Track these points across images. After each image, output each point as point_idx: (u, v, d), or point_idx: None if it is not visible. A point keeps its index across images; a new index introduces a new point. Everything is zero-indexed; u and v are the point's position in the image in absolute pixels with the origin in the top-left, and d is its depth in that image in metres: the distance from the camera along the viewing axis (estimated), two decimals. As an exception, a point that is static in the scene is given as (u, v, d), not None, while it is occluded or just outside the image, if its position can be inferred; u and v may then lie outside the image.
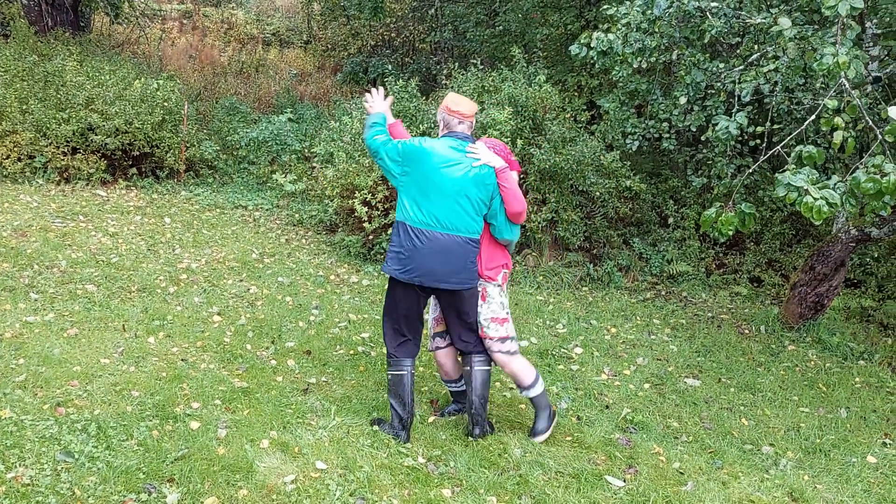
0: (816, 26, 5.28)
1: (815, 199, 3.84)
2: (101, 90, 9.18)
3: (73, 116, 8.76)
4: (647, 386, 5.38)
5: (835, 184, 3.98)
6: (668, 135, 7.04)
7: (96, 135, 8.75)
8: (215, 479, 3.59)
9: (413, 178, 3.94)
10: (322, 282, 6.88)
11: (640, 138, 7.21)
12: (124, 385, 4.41)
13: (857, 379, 5.92)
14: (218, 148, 10.26)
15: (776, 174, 4.06)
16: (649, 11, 5.46)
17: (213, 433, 3.99)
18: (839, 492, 4.12)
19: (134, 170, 9.18)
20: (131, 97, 9.20)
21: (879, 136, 4.05)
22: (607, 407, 4.94)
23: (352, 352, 5.39)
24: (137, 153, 9.10)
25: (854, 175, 3.95)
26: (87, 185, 8.74)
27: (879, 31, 5.20)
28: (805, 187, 3.87)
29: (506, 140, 7.56)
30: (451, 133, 4.03)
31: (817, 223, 3.89)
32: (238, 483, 3.59)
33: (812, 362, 6.18)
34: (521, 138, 7.81)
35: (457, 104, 4.05)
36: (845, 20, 4.43)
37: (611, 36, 5.39)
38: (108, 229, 7.44)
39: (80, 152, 8.83)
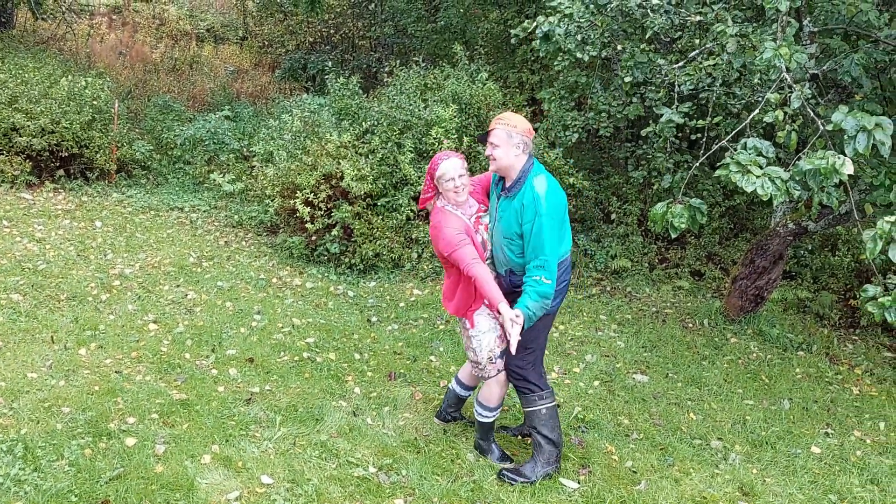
0: (755, 24, 5.34)
1: (757, 176, 3.84)
2: (25, 88, 8.76)
3: (-6, 116, 8.33)
4: (596, 383, 5.37)
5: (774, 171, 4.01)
6: (605, 124, 7.10)
7: (20, 135, 8.33)
8: (153, 499, 3.42)
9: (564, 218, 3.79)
10: (264, 285, 6.67)
11: (580, 130, 7.24)
12: (54, 401, 4.17)
13: (798, 370, 6.03)
14: (151, 147, 9.87)
15: (716, 168, 4.08)
16: (592, 5, 5.45)
17: (151, 449, 3.81)
18: (787, 484, 4.17)
19: (62, 171, 8.76)
20: (58, 95, 8.79)
21: (821, 128, 4.09)
22: (559, 406, 4.90)
23: (296, 358, 5.22)
24: (65, 154, 8.69)
25: (796, 163, 3.98)
26: (12, 188, 8.32)
27: (816, 29, 5.30)
28: (748, 166, 3.86)
29: (453, 138, 7.48)
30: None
31: (765, 200, 3.87)
32: (178, 502, 3.42)
33: (754, 354, 6.28)
34: (466, 136, 7.74)
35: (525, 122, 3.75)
36: (784, 17, 4.48)
37: (552, 19, 5.33)
38: (34, 234, 7.08)
39: (2, 154, 8.40)
